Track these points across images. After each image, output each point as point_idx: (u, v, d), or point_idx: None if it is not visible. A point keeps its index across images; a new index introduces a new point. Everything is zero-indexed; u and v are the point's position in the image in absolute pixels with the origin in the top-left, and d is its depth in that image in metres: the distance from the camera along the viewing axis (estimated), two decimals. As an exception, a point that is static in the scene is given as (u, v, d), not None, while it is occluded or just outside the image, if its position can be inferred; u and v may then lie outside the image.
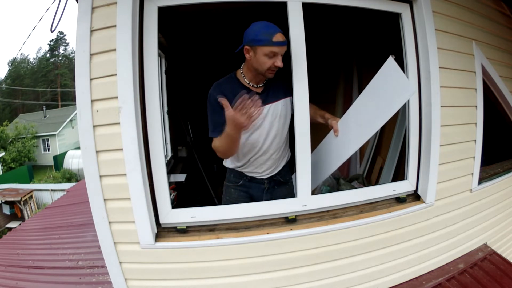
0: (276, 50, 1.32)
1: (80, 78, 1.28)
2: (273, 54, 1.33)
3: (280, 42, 1.31)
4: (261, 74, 1.40)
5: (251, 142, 1.48)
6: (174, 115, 3.80)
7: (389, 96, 1.43)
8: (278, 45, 1.31)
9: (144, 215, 1.34)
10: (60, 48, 35.59)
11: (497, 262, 1.85)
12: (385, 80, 1.45)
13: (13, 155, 17.24)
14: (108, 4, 1.27)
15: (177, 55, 3.80)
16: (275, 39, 1.30)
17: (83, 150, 1.31)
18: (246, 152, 1.51)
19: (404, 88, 1.40)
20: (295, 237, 1.46)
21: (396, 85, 1.41)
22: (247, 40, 1.35)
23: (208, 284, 1.45)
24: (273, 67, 1.35)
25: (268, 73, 1.38)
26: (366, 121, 1.50)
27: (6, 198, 8.93)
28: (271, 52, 1.32)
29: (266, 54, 1.33)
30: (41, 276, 2.30)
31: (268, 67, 1.35)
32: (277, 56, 1.33)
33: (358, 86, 3.32)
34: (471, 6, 1.77)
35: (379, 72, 1.46)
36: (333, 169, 1.66)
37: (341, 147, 1.58)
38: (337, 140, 1.57)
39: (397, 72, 1.39)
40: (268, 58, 1.34)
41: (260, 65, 1.36)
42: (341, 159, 1.60)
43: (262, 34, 1.31)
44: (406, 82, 1.40)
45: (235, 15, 2.57)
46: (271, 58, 1.34)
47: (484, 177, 1.99)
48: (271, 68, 1.36)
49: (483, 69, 1.84)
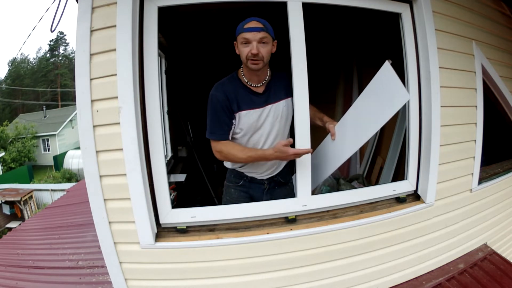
0: (247, 36, 1.32)
1: (80, 78, 1.28)
2: (246, 41, 1.33)
3: (250, 27, 1.32)
4: (246, 67, 1.40)
5: (252, 143, 1.48)
6: (174, 115, 3.80)
7: (385, 102, 1.43)
8: (248, 31, 1.32)
9: (144, 215, 1.34)
10: (60, 48, 35.63)
11: (497, 262, 1.85)
12: (381, 85, 1.45)
13: (13, 155, 17.23)
14: (108, 4, 1.27)
15: (177, 55, 3.80)
16: (247, 25, 1.32)
17: (83, 150, 1.31)
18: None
19: (399, 94, 1.40)
20: (295, 237, 1.46)
21: (392, 91, 1.41)
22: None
23: (208, 284, 1.45)
24: (249, 55, 1.34)
25: (250, 63, 1.36)
26: (362, 125, 1.50)
27: (6, 198, 8.93)
28: (244, 39, 1.33)
29: (242, 43, 1.34)
30: (41, 276, 2.30)
31: (245, 55, 1.35)
32: (251, 43, 1.33)
33: (358, 86, 3.32)
34: (471, 6, 1.77)
35: (375, 76, 1.46)
36: (330, 171, 1.67)
37: (338, 150, 1.59)
38: (334, 144, 1.57)
39: (393, 77, 1.39)
40: (243, 46, 1.34)
41: (241, 56, 1.38)
42: (338, 162, 1.61)
43: (239, 25, 1.35)
44: (401, 88, 1.40)
45: (235, 15, 2.57)
46: (247, 47, 1.34)
47: (484, 177, 1.99)
48: (248, 56, 1.34)
49: (483, 69, 1.84)
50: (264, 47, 1.35)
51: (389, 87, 1.42)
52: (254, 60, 1.34)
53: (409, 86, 1.60)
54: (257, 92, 1.46)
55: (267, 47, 1.35)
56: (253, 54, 1.32)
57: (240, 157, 1.43)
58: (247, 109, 1.43)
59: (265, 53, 1.35)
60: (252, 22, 1.33)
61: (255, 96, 1.45)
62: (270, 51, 1.38)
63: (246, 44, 1.34)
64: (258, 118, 1.44)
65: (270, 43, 1.37)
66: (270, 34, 1.35)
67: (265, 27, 1.34)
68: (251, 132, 1.46)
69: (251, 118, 1.43)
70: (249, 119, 1.43)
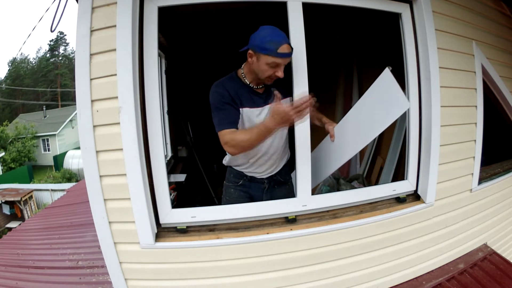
0: (279, 61, 1.29)
1: (80, 78, 1.28)
2: (276, 65, 1.30)
3: (285, 53, 1.28)
4: (257, 76, 1.39)
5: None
6: (174, 115, 3.80)
7: (384, 109, 1.42)
8: (282, 57, 1.28)
9: (144, 215, 1.34)
10: (60, 48, 35.66)
11: (497, 262, 1.85)
12: (381, 91, 1.44)
13: (13, 155, 17.24)
14: (108, 4, 1.27)
15: (177, 55, 3.80)
16: (281, 50, 1.26)
17: (83, 150, 1.31)
18: (247, 154, 1.51)
19: (399, 102, 1.38)
20: (295, 237, 1.46)
21: (391, 98, 1.39)
22: (252, 44, 1.31)
23: (208, 284, 1.45)
24: (273, 76, 1.34)
25: (267, 80, 1.37)
26: (361, 130, 1.50)
27: (6, 198, 8.93)
28: (274, 63, 1.29)
29: (269, 64, 1.30)
30: (41, 276, 2.30)
31: (268, 75, 1.34)
32: (279, 67, 1.31)
33: (358, 86, 3.32)
34: (471, 6, 1.77)
35: (375, 82, 1.45)
36: (329, 173, 1.66)
37: (336, 152, 1.59)
38: (333, 145, 1.57)
39: (393, 85, 1.37)
40: (270, 67, 1.31)
41: (261, 72, 1.34)
42: (336, 164, 1.61)
43: (268, 42, 1.26)
44: (401, 96, 1.38)
45: (235, 15, 2.57)
46: (273, 68, 1.31)
47: (484, 177, 1.98)
48: (271, 77, 1.34)
49: (483, 69, 1.84)
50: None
51: (389, 94, 1.40)
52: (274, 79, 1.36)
53: (409, 86, 1.61)
54: (258, 92, 1.46)
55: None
56: (278, 77, 1.32)
57: (247, 139, 1.31)
58: (248, 107, 1.43)
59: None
60: (285, 46, 1.27)
61: (256, 95, 1.45)
62: None
63: (273, 68, 1.31)
64: (257, 117, 1.44)
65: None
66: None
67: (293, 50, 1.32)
68: None
69: (251, 117, 1.44)
70: (250, 117, 1.44)
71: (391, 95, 1.39)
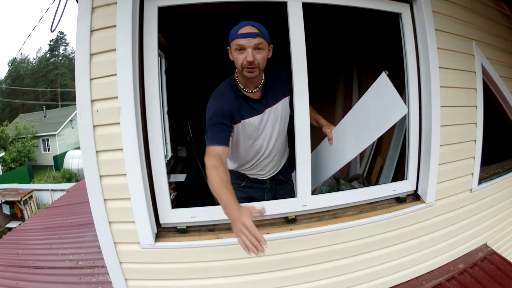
0: (241, 42, 1.23)
1: (80, 78, 1.28)
2: (241, 47, 1.24)
3: (245, 33, 1.22)
4: (242, 75, 1.33)
5: (255, 149, 1.47)
6: (174, 115, 3.80)
7: (382, 113, 1.42)
8: (243, 37, 1.22)
9: (144, 215, 1.34)
10: (60, 48, 35.61)
11: (497, 262, 1.85)
12: (378, 96, 1.43)
13: (13, 155, 17.22)
14: (108, 4, 1.27)
15: (177, 55, 3.80)
16: (241, 31, 1.23)
17: (83, 150, 1.31)
18: (250, 158, 1.51)
19: (396, 107, 1.37)
20: (295, 237, 1.46)
21: (389, 103, 1.38)
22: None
23: (208, 284, 1.45)
24: (245, 63, 1.25)
25: (245, 71, 1.28)
26: (360, 134, 1.50)
27: (6, 198, 8.92)
28: (238, 45, 1.24)
29: (236, 49, 1.25)
30: (41, 276, 2.29)
31: (240, 63, 1.26)
32: (245, 50, 1.24)
33: (358, 85, 3.32)
34: (471, 6, 1.77)
35: (372, 86, 1.45)
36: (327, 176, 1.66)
37: (334, 156, 1.59)
38: (331, 149, 1.57)
39: (390, 89, 1.37)
40: (238, 54, 1.26)
41: (236, 64, 1.29)
42: (335, 167, 1.60)
43: (233, 29, 1.25)
44: (398, 101, 1.36)
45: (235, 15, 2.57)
46: (240, 53, 1.25)
47: (484, 177, 1.98)
48: (243, 64, 1.26)
49: (483, 69, 1.84)
50: (260, 53, 1.26)
51: (386, 99, 1.39)
52: (250, 68, 1.26)
53: (409, 86, 1.61)
54: (255, 99, 1.41)
55: (262, 53, 1.27)
56: (249, 61, 1.24)
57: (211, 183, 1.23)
58: (249, 116, 1.40)
59: (261, 60, 1.26)
60: (246, 27, 1.23)
61: (254, 103, 1.41)
62: (266, 57, 1.30)
63: (240, 51, 1.25)
64: (259, 123, 1.42)
65: (266, 48, 1.28)
66: (265, 39, 1.27)
67: (261, 32, 1.25)
68: (254, 138, 1.45)
69: (253, 125, 1.42)
70: (252, 126, 1.42)
71: (388, 99, 1.38)
